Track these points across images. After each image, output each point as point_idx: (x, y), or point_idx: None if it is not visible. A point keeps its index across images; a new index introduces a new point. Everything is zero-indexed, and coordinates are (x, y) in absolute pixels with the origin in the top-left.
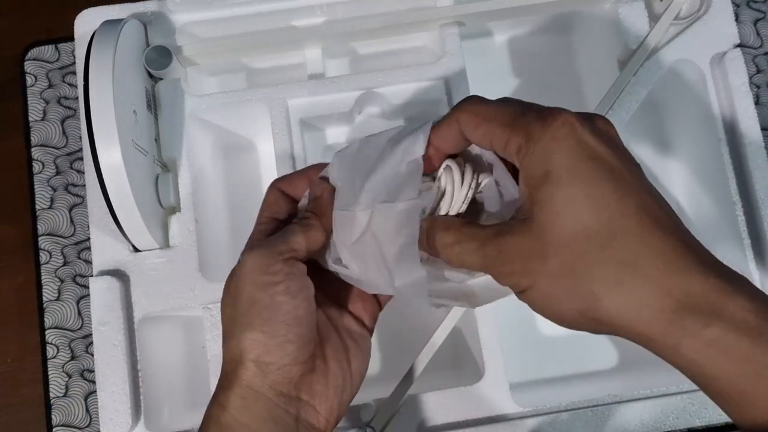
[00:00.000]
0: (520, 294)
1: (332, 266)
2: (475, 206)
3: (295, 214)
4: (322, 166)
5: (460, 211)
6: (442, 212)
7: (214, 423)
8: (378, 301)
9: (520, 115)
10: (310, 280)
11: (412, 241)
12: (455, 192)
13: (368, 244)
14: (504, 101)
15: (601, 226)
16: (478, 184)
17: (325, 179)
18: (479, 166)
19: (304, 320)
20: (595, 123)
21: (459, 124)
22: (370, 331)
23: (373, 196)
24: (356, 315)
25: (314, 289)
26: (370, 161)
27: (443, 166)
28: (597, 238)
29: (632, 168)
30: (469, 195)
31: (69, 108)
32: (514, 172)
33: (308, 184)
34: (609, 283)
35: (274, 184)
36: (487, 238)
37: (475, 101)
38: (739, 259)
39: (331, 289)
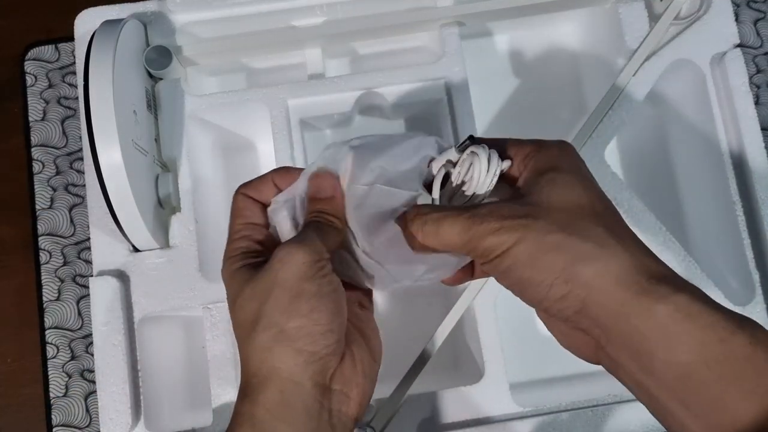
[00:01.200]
0: (501, 255)
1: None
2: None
3: (266, 218)
4: (285, 169)
5: (484, 196)
6: (467, 194)
7: (247, 420)
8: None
9: (528, 140)
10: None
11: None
12: (481, 177)
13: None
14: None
15: (591, 203)
16: (501, 171)
17: (325, 174)
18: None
19: (344, 312)
20: None
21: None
22: (371, 311)
23: (377, 175)
24: (356, 300)
25: None
26: (382, 147)
27: (467, 151)
28: (587, 209)
29: None
30: (494, 182)
31: (69, 108)
32: None
33: (273, 188)
34: (597, 243)
35: (240, 191)
36: (473, 209)
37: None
38: (739, 259)
39: None
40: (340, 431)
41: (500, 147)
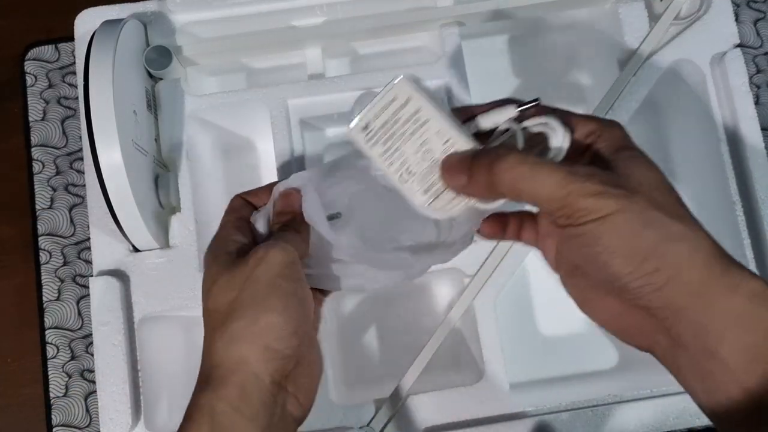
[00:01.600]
0: (597, 220)
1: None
2: None
3: None
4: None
5: None
6: None
7: (207, 413)
8: (318, 302)
9: (588, 115)
10: None
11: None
12: (555, 148)
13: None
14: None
15: (668, 186)
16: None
17: (290, 191)
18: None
19: (309, 321)
20: None
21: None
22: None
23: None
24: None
25: None
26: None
27: (541, 121)
28: (669, 190)
29: None
30: (562, 155)
31: (69, 108)
32: None
33: (270, 196)
34: (685, 224)
35: (237, 195)
36: (570, 167)
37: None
38: (739, 259)
39: None
40: (289, 430)
41: (562, 118)
